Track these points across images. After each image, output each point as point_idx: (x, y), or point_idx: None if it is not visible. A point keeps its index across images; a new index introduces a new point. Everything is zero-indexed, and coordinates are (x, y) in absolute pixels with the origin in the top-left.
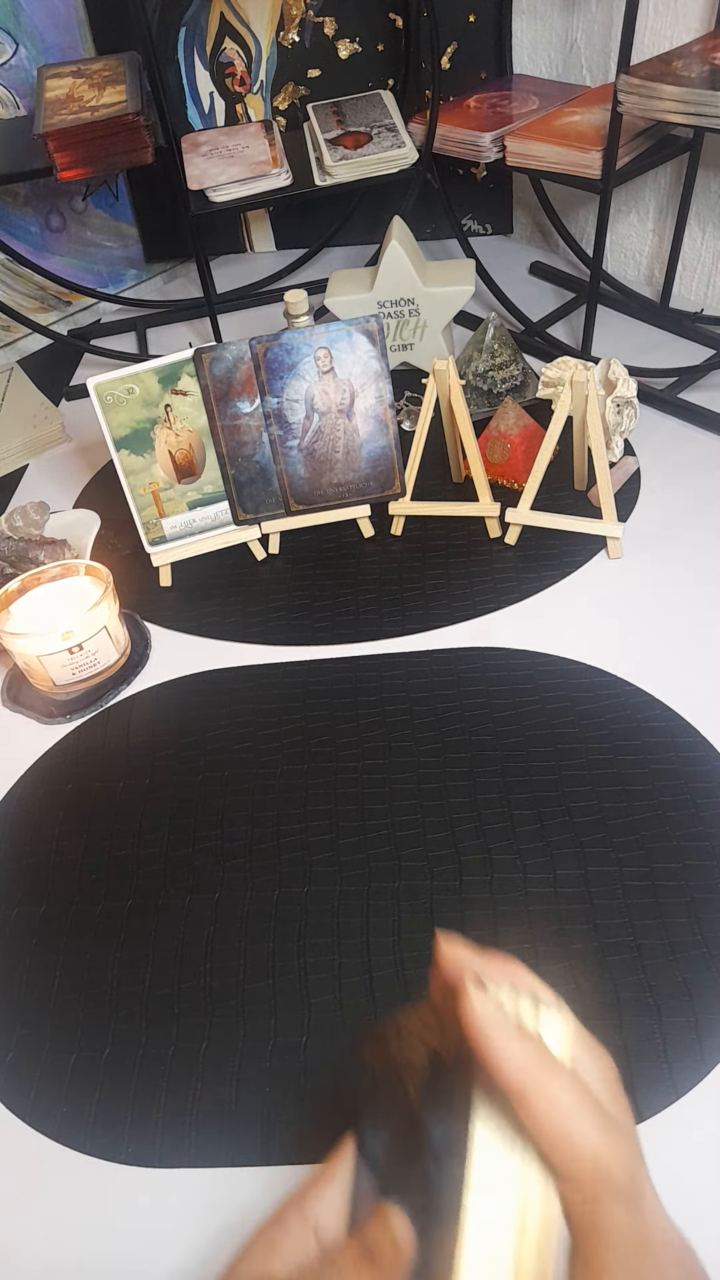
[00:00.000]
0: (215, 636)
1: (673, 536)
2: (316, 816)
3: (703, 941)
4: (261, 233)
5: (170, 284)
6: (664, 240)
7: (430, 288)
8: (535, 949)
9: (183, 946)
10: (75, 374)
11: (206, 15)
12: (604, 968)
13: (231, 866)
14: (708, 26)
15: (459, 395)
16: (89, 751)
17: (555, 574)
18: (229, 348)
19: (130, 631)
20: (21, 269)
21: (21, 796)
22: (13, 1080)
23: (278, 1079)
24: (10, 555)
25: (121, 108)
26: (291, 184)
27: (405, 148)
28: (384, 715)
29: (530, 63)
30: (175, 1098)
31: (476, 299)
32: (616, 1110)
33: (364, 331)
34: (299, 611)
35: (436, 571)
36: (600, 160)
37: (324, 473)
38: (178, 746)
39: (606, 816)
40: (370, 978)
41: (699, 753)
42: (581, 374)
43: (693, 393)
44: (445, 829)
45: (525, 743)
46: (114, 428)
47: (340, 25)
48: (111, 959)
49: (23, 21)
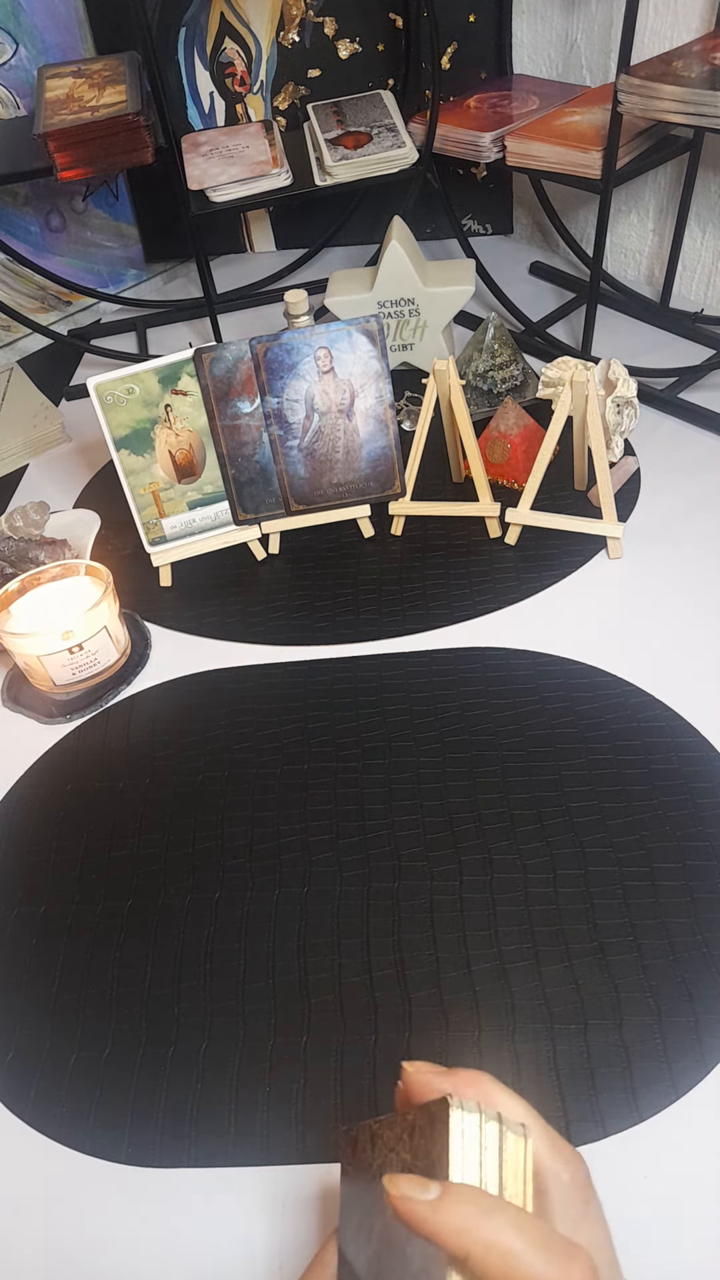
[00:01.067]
0: (215, 636)
1: (673, 536)
2: (316, 816)
3: (703, 941)
4: (261, 233)
5: (170, 284)
6: (664, 240)
7: (430, 288)
8: (535, 949)
9: (183, 946)
10: (75, 374)
11: (206, 15)
12: (604, 968)
13: (231, 866)
14: (708, 26)
15: (459, 395)
16: (89, 751)
17: (555, 574)
18: (229, 348)
19: (130, 631)
20: (21, 269)
21: (21, 796)
22: (13, 1080)
23: (278, 1079)
24: (10, 555)
25: (121, 108)
26: (291, 184)
27: (405, 148)
28: (384, 715)
29: (530, 63)
30: (175, 1098)
31: (476, 299)
32: (584, 1211)
33: (364, 331)
34: (299, 611)
35: (436, 571)
36: (600, 160)
37: (324, 473)
38: (178, 746)
39: (606, 816)
40: (370, 978)
41: (699, 753)
42: (581, 374)
43: (693, 393)
44: (445, 829)
45: (525, 743)
46: (114, 428)
47: (340, 25)
48: (111, 959)
49: (23, 21)
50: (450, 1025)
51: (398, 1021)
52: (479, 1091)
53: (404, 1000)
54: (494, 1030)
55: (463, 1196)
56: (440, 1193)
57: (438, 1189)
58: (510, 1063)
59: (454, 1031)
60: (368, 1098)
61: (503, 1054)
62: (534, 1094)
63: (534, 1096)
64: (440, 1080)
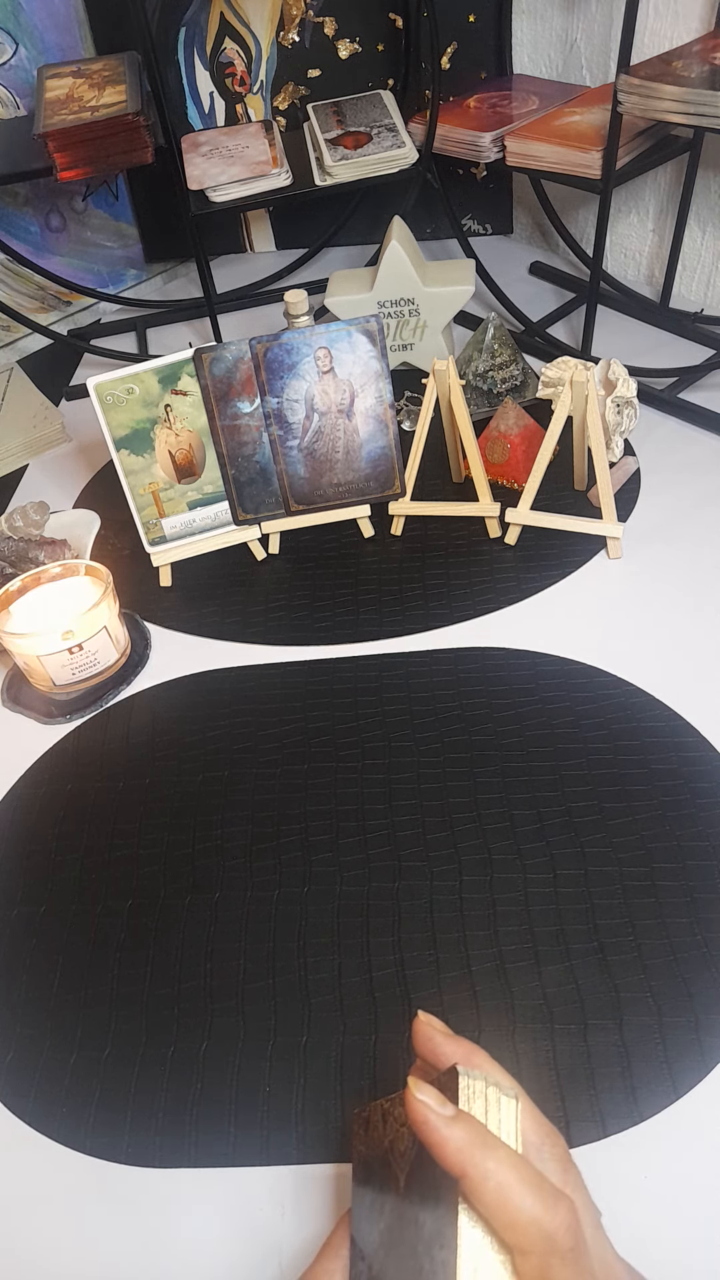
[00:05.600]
0: (215, 636)
1: (673, 536)
2: (316, 816)
3: (703, 942)
4: (261, 233)
5: (170, 284)
6: (664, 240)
7: (430, 288)
8: (535, 949)
9: (183, 946)
10: (75, 374)
11: (206, 15)
12: (604, 968)
13: (231, 866)
14: (708, 26)
15: (459, 395)
16: (89, 751)
17: (555, 574)
18: (229, 348)
19: (130, 631)
20: (21, 269)
21: (21, 796)
22: (13, 1080)
23: (278, 1079)
24: (10, 555)
25: (121, 108)
26: (291, 184)
27: (405, 148)
28: (384, 715)
29: (530, 63)
30: (175, 1098)
31: (476, 299)
32: (563, 1179)
33: (364, 331)
34: (299, 611)
35: (436, 571)
36: (600, 160)
37: (324, 473)
38: (178, 746)
39: (606, 816)
40: (370, 978)
41: (699, 753)
42: (581, 374)
43: (693, 393)
44: (445, 829)
45: (525, 743)
46: (114, 428)
47: (340, 25)
48: (111, 959)
49: (23, 21)
50: (450, 1025)
51: (398, 1021)
52: (474, 1065)
53: (404, 1000)
54: (494, 1030)
55: (471, 1124)
56: (454, 1113)
57: (453, 1108)
58: (510, 1063)
59: (454, 1031)
60: (368, 1098)
61: (503, 1054)
62: (534, 1094)
63: (534, 1096)
64: (446, 1044)
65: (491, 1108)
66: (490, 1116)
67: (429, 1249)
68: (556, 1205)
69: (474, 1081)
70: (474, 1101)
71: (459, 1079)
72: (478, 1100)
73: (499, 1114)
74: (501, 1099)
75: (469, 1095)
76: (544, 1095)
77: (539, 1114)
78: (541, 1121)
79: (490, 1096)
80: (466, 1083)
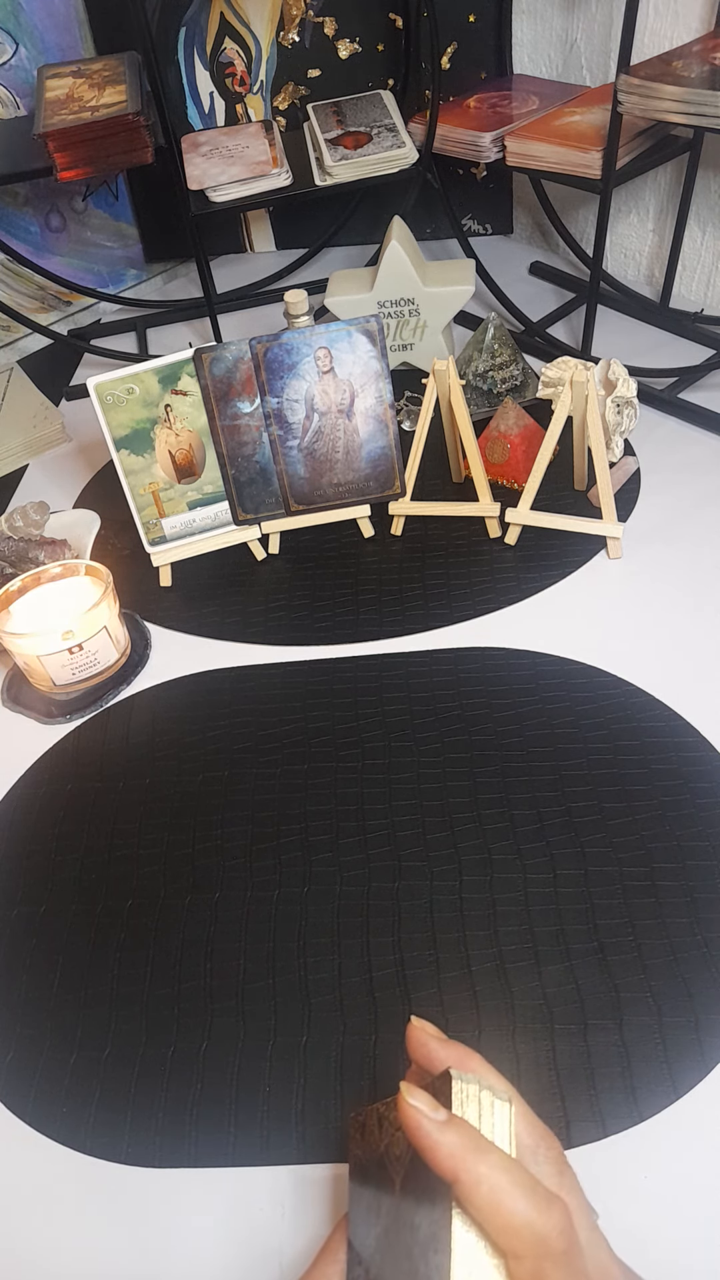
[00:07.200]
0: (215, 636)
1: (673, 536)
2: (316, 816)
3: (703, 942)
4: (261, 233)
5: (170, 284)
6: (664, 240)
7: (430, 288)
8: (535, 949)
9: (183, 946)
10: (75, 374)
11: (206, 15)
12: (604, 968)
13: (231, 866)
14: (708, 26)
15: (459, 395)
16: (89, 751)
17: (555, 574)
18: (229, 348)
19: (130, 631)
20: (21, 269)
21: (21, 796)
22: (13, 1080)
23: (278, 1079)
24: (10, 555)
25: (121, 108)
26: (291, 184)
27: (405, 148)
28: (384, 715)
29: (530, 63)
30: (175, 1098)
31: (476, 299)
32: (558, 1182)
33: (364, 331)
34: (299, 611)
35: (436, 571)
36: (600, 160)
37: (324, 473)
38: (178, 746)
39: (606, 816)
40: (370, 977)
41: (699, 753)
42: (581, 374)
43: (693, 393)
44: (445, 829)
45: (525, 743)
46: (114, 428)
47: (340, 25)
48: (111, 959)
49: (23, 21)
50: (450, 1025)
51: (398, 1021)
52: (468, 1069)
53: (404, 1000)
54: (494, 1030)
55: (464, 1128)
56: (446, 1117)
57: (445, 1113)
58: (510, 1063)
59: (454, 1031)
60: (368, 1098)
61: (503, 1054)
62: (534, 1094)
63: (534, 1096)
64: (439, 1049)
65: (485, 1111)
66: (484, 1120)
67: (424, 1253)
68: (549, 1208)
69: (467, 1085)
70: (467, 1105)
71: (452, 1083)
72: (471, 1104)
73: (493, 1118)
74: (495, 1102)
75: (462, 1099)
76: (544, 1095)
77: (534, 1117)
78: (536, 1124)
79: (484, 1100)
80: (460, 1087)
